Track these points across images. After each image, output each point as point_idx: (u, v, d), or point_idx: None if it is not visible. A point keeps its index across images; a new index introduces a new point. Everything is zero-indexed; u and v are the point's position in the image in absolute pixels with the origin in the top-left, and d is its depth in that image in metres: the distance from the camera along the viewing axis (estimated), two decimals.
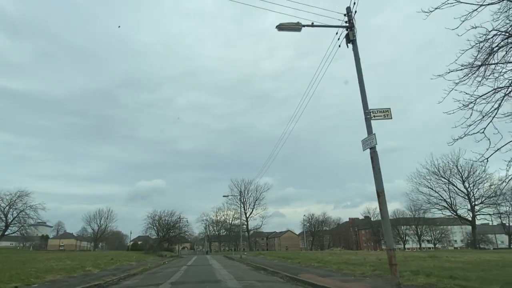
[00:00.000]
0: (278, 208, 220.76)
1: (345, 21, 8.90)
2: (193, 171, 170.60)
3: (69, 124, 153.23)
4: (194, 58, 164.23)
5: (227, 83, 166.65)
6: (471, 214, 47.95)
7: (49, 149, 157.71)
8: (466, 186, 47.70)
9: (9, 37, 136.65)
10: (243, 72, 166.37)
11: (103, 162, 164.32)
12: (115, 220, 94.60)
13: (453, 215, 50.26)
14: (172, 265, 26.49)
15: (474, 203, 47.53)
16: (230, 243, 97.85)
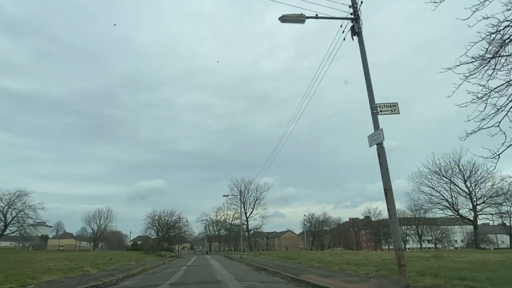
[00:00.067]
0: (278, 208, 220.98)
1: (350, 13, 8.61)
2: (193, 171, 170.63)
3: (69, 124, 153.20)
4: (194, 58, 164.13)
5: (227, 83, 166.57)
6: (472, 214, 47.68)
7: (49, 149, 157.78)
8: (468, 185, 47.42)
9: (9, 37, 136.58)
10: (243, 72, 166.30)
11: (103, 162, 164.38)
12: (114, 220, 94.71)
13: (454, 215, 49.94)
14: (172, 265, 26.25)
15: (475, 202, 47.26)
16: (230, 243, 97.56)
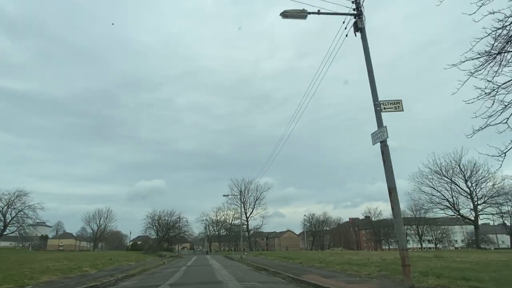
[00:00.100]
0: (278, 208, 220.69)
1: (352, 9, 8.49)
2: (193, 171, 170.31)
3: (69, 124, 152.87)
4: (194, 58, 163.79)
5: (227, 83, 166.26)
6: (473, 214, 47.48)
7: (49, 149, 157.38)
8: (469, 185, 47.17)
9: (9, 37, 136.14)
10: (243, 72, 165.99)
11: (103, 162, 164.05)
12: (114, 220, 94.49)
13: (455, 215, 49.77)
14: (172, 266, 26.14)
15: (476, 202, 47.08)
16: (230, 243, 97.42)
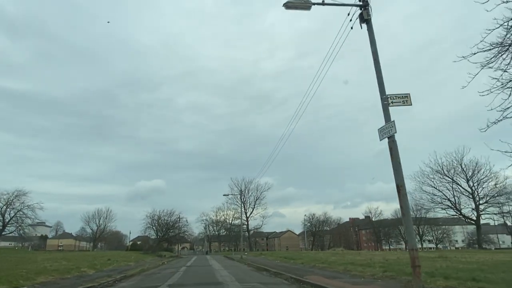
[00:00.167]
0: (278, 208, 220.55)
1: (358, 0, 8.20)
2: (193, 171, 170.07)
3: (69, 124, 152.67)
4: (194, 58, 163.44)
5: (227, 83, 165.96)
6: (475, 214, 47.11)
7: (49, 149, 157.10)
8: (471, 185, 46.76)
9: (9, 37, 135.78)
10: (243, 72, 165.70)
11: (103, 162, 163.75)
12: (114, 220, 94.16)
13: (457, 214, 49.40)
14: (171, 266, 25.89)
15: (478, 202, 46.67)
16: (230, 243, 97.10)
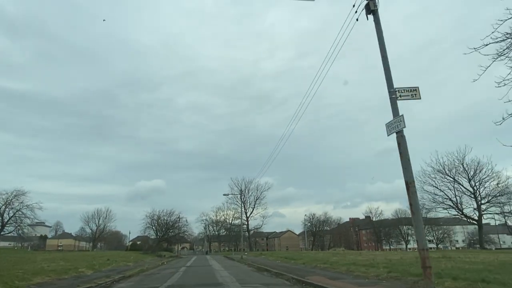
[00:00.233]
0: (278, 208, 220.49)
1: None
2: (193, 171, 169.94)
3: (69, 124, 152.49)
4: (194, 58, 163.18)
5: (227, 83, 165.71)
6: (477, 213, 46.78)
7: (49, 149, 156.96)
8: (472, 184, 46.40)
9: (9, 37, 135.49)
10: (243, 72, 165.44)
11: (103, 162, 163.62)
12: (113, 220, 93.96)
13: (459, 214, 49.06)
14: (171, 266, 25.65)
15: (480, 202, 46.32)
16: (230, 243, 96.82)
